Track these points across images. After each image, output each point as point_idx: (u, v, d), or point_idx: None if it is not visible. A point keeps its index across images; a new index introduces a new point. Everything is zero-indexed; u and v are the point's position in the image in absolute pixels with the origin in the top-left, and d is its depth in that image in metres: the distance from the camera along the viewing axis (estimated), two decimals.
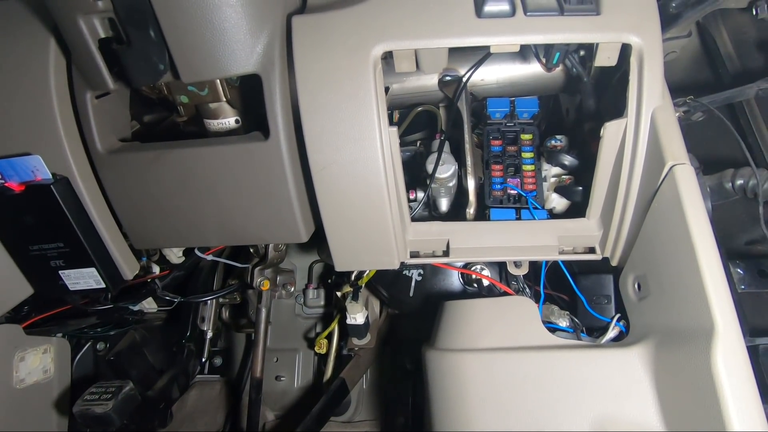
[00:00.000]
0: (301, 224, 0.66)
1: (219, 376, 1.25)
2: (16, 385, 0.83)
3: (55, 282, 0.72)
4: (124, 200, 0.69)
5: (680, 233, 0.51)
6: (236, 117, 0.67)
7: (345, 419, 1.16)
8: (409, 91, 0.77)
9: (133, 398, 0.80)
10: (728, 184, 0.74)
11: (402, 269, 0.87)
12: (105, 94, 0.66)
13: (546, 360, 0.61)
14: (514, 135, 0.74)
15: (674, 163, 0.54)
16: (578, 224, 0.66)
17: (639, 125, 0.57)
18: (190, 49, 0.55)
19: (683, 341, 0.51)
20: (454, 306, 0.72)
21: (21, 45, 0.63)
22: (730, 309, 0.48)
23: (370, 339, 0.99)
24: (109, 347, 1.10)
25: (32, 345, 0.87)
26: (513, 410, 0.60)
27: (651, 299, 0.59)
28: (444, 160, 0.69)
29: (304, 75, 0.57)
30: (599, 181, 0.63)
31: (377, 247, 0.65)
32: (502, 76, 0.75)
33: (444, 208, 0.75)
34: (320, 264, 1.24)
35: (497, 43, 0.57)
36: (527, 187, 0.70)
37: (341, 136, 0.58)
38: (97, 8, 0.54)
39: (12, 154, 0.64)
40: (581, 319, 0.69)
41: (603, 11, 0.55)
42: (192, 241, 0.72)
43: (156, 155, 0.64)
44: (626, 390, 0.57)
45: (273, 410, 1.21)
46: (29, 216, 0.67)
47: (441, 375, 0.67)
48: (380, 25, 0.57)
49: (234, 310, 1.19)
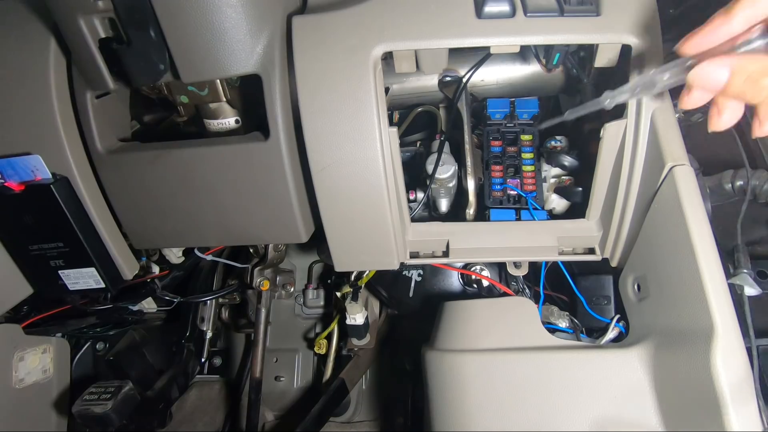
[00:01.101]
0: (301, 224, 0.66)
1: (218, 377, 1.24)
2: (15, 384, 0.83)
3: (54, 282, 0.72)
4: (123, 200, 0.69)
5: (680, 234, 0.51)
6: (236, 117, 0.67)
7: (344, 420, 1.16)
8: (409, 92, 0.77)
9: (133, 398, 0.80)
10: (728, 185, 0.75)
11: (402, 270, 0.87)
12: (105, 94, 0.66)
13: (545, 361, 0.61)
14: (514, 136, 0.74)
15: (674, 164, 0.54)
16: (578, 225, 0.66)
17: (639, 126, 0.57)
18: (190, 49, 0.55)
19: (683, 342, 0.51)
20: (454, 306, 0.72)
21: (21, 45, 0.63)
22: (730, 310, 0.48)
23: (370, 339, 0.99)
24: (108, 347, 1.10)
25: (31, 345, 0.87)
26: (512, 411, 0.60)
27: (650, 300, 0.59)
28: (444, 160, 0.69)
29: (304, 75, 0.57)
30: (599, 182, 0.63)
31: (377, 247, 0.65)
32: (502, 77, 0.75)
33: (444, 208, 0.75)
34: (320, 264, 1.24)
35: (497, 43, 0.57)
36: (527, 187, 0.70)
37: (341, 137, 0.58)
38: (97, 8, 0.54)
39: (12, 154, 0.64)
40: (581, 320, 0.69)
41: (603, 12, 0.55)
42: (192, 241, 0.72)
43: (156, 155, 0.64)
44: (626, 391, 0.57)
45: (272, 410, 1.21)
46: (29, 216, 0.67)
47: (440, 375, 0.67)
48: (380, 26, 0.57)
49: (234, 311, 1.19)
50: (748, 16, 0.34)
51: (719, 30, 0.36)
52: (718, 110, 0.37)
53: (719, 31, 0.36)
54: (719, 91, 0.36)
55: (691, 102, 0.38)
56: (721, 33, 0.36)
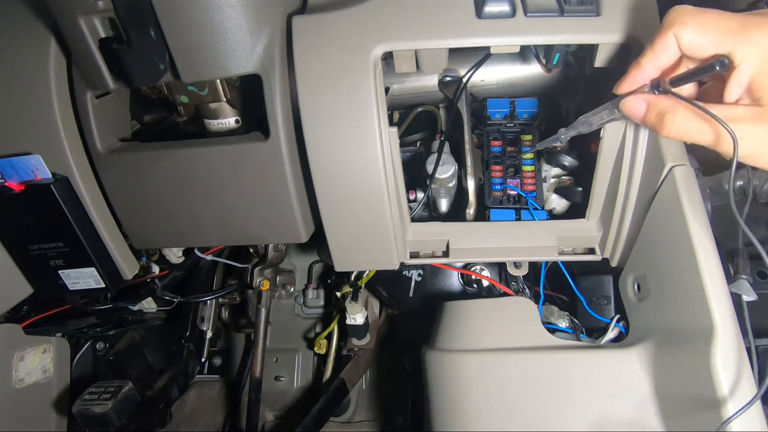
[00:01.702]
0: (301, 224, 0.66)
1: (218, 377, 1.24)
2: (15, 384, 0.83)
3: (54, 282, 0.72)
4: (123, 200, 0.69)
5: (680, 234, 0.51)
6: (236, 117, 0.67)
7: (344, 419, 1.16)
8: (409, 92, 0.77)
9: (133, 398, 0.80)
10: (728, 185, 0.74)
11: (402, 270, 0.87)
12: (105, 94, 0.66)
13: (545, 361, 0.61)
14: (514, 135, 0.74)
15: (674, 164, 0.54)
16: (578, 225, 0.66)
17: (639, 126, 0.57)
18: (190, 49, 0.55)
19: (683, 342, 0.51)
20: (454, 306, 0.72)
21: (21, 45, 0.63)
22: (730, 310, 0.48)
23: (370, 339, 0.99)
24: (108, 347, 1.10)
25: (31, 345, 0.87)
26: (512, 411, 0.60)
27: (650, 300, 0.59)
28: (444, 160, 0.69)
29: (304, 75, 0.57)
30: (599, 182, 0.63)
31: (377, 247, 0.65)
32: (502, 77, 0.75)
33: (444, 208, 0.75)
34: (320, 264, 1.24)
35: (497, 43, 0.57)
36: (527, 187, 0.70)
37: (341, 137, 0.58)
38: (97, 8, 0.54)
39: (12, 154, 0.64)
40: (581, 320, 0.69)
41: (603, 12, 0.55)
42: (192, 241, 0.72)
43: (156, 155, 0.64)
44: (626, 390, 0.57)
45: (272, 410, 1.21)
46: (29, 215, 0.67)
47: (440, 375, 0.67)
48: (380, 26, 0.57)
49: (234, 310, 1.19)
50: (655, 65, 0.44)
51: (636, 78, 0.45)
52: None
53: (636, 79, 0.45)
54: (641, 121, 0.45)
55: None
56: (638, 80, 0.45)
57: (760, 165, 0.40)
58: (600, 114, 0.52)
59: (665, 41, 0.42)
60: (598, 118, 0.53)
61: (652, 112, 0.43)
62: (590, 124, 0.54)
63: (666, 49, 0.42)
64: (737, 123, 0.38)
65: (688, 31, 0.40)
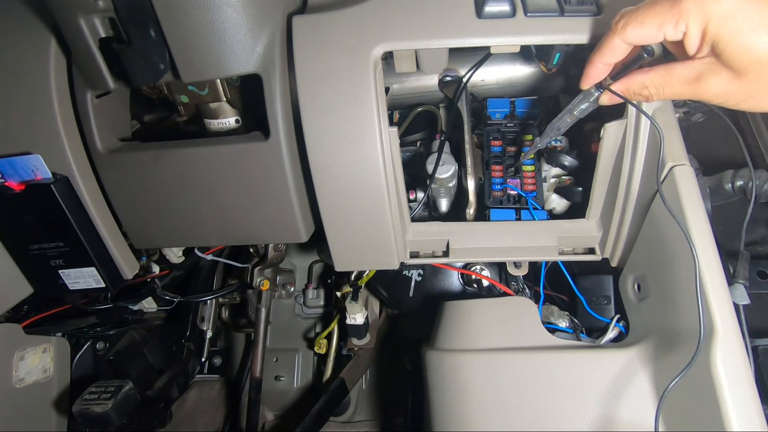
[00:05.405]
0: (301, 224, 0.66)
1: (218, 376, 1.24)
2: (15, 384, 0.83)
3: (54, 281, 0.72)
4: (124, 200, 0.69)
5: (680, 234, 0.51)
6: (236, 117, 0.67)
7: (344, 419, 1.16)
8: (410, 92, 0.77)
9: (133, 398, 0.80)
10: (728, 184, 0.74)
11: (402, 269, 0.87)
12: (105, 94, 0.66)
13: (545, 360, 0.61)
14: (514, 135, 0.74)
15: (674, 164, 0.54)
16: (578, 225, 0.66)
17: (639, 126, 0.57)
18: (190, 48, 0.55)
19: (683, 342, 0.51)
20: (454, 306, 0.72)
21: (21, 45, 0.63)
22: (730, 310, 0.48)
23: (370, 339, 0.99)
24: (108, 347, 1.10)
25: (32, 344, 0.87)
26: (512, 410, 0.60)
27: (650, 300, 0.59)
28: (444, 160, 0.69)
29: (304, 75, 0.57)
30: (599, 182, 0.63)
31: (377, 247, 0.65)
32: (502, 77, 0.75)
33: (444, 208, 0.75)
34: (320, 264, 1.24)
35: (497, 43, 0.57)
36: (527, 187, 0.70)
37: (341, 136, 0.58)
38: (97, 8, 0.54)
39: (12, 154, 0.64)
40: (581, 320, 0.69)
41: (603, 12, 0.55)
42: (192, 240, 0.72)
43: (156, 155, 0.64)
44: (626, 390, 0.57)
45: (272, 410, 1.21)
46: (29, 215, 0.67)
47: (441, 375, 0.67)
48: (380, 26, 0.57)
49: (234, 310, 1.19)
50: (605, 64, 0.50)
51: (593, 75, 0.51)
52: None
53: (593, 76, 0.52)
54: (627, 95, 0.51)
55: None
56: (593, 77, 0.52)
57: (732, 105, 0.44)
58: (563, 119, 0.57)
59: (611, 45, 0.47)
60: (563, 122, 0.57)
61: (630, 89, 0.50)
62: (558, 129, 0.58)
63: (613, 52, 0.48)
64: (703, 77, 0.43)
65: (632, 31, 0.44)
